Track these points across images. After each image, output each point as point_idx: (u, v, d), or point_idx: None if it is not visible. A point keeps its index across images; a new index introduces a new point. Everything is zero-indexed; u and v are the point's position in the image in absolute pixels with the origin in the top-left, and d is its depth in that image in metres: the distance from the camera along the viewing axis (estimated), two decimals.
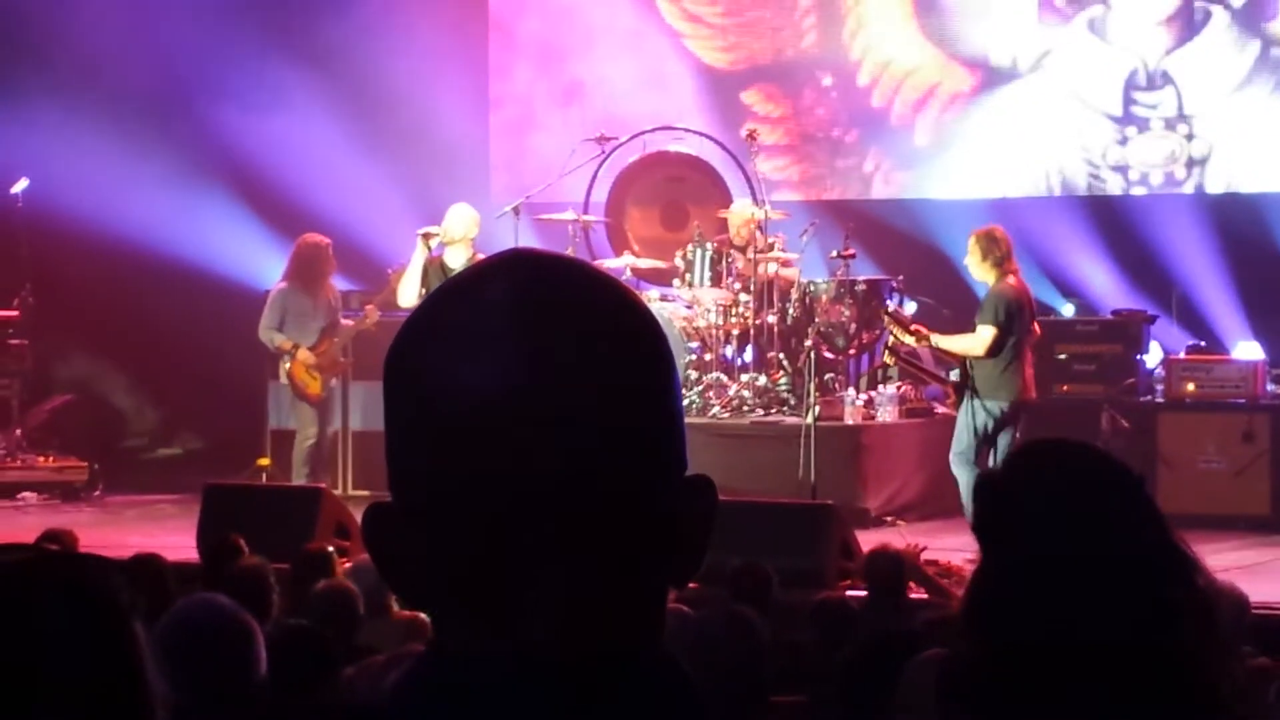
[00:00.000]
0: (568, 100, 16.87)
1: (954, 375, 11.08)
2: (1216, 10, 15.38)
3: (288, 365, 13.11)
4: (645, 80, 16.56)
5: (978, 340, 10.74)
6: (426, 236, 12.02)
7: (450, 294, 1.44)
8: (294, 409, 13.35)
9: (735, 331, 13.28)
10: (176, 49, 16.02)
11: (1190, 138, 15.55)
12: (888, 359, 12.25)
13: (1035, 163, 15.90)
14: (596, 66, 16.77)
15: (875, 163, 16.41)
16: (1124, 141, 15.73)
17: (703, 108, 16.22)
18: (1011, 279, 10.76)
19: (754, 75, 16.61)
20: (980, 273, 10.85)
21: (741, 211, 13.51)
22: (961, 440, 10.78)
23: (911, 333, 11.22)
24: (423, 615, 3.92)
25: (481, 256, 12.00)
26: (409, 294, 12.05)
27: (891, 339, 11.59)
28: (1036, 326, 11.06)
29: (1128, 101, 15.67)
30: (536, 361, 1.37)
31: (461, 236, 12.01)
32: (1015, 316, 10.69)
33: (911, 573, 8.31)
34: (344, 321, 13.36)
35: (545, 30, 17.05)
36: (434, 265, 11.98)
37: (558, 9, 17.02)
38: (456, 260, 11.94)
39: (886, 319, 11.80)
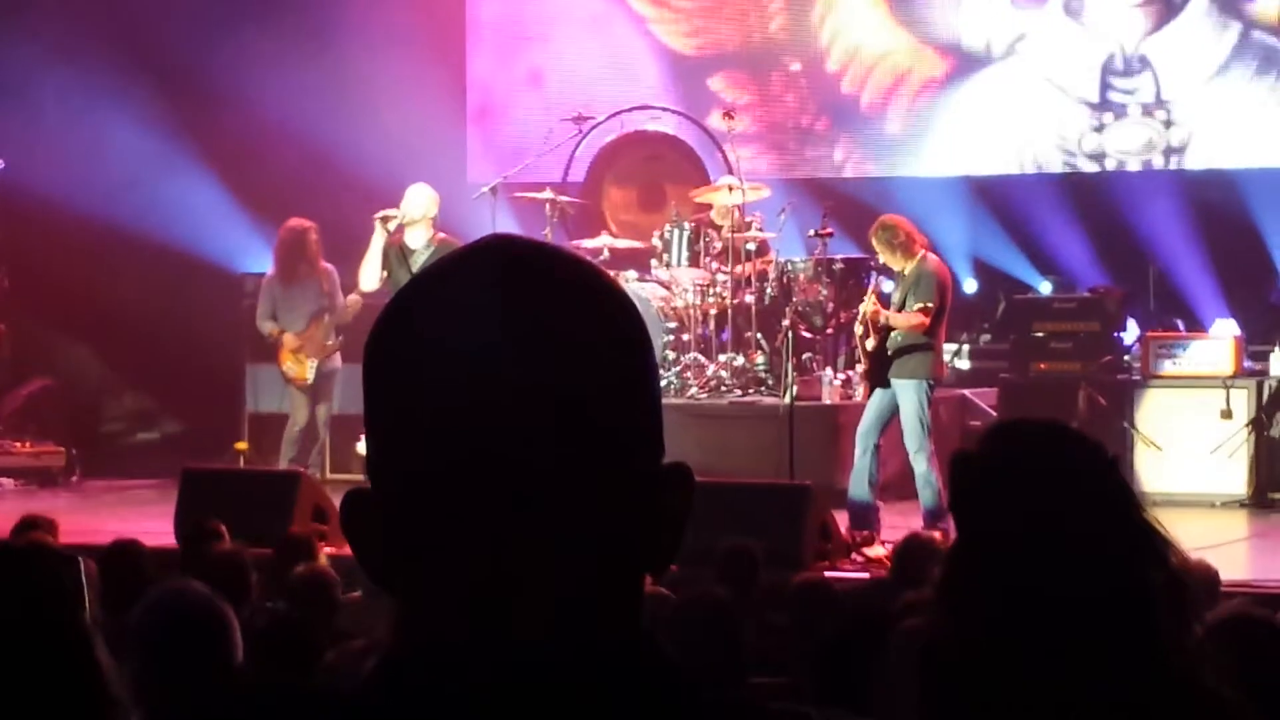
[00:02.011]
0: (536, 84, 16.77)
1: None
2: None
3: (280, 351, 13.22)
4: (610, 66, 16.41)
5: (919, 318, 10.65)
6: (385, 220, 11.89)
7: (431, 280, 1.43)
8: (288, 393, 13.38)
9: (713, 311, 13.27)
10: (154, 28, 15.95)
11: (1169, 124, 15.42)
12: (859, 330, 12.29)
13: (1010, 151, 15.81)
14: (561, 51, 16.63)
15: (845, 152, 16.26)
16: (1100, 128, 15.61)
17: (669, 94, 16.07)
18: (933, 255, 10.79)
19: (720, 61, 16.43)
20: (897, 262, 10.78)
21: (724, 196, 13.41)
22: (917, 434, 10.65)
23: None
24: None
25: (443, 236, 11.88)
26: (370, 278, 11.98)
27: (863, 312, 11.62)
28: None
29: (1105, 87, 15.55)
30: (520, 346, 1.37)
31: (421, 216, 11.87)
32: (948, 293, 10.74)
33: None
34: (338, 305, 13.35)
35: (513, 13, 16.92)
36: (394, 247, 11.85)
37: None
38: (417, 241, 11.83)
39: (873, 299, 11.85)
